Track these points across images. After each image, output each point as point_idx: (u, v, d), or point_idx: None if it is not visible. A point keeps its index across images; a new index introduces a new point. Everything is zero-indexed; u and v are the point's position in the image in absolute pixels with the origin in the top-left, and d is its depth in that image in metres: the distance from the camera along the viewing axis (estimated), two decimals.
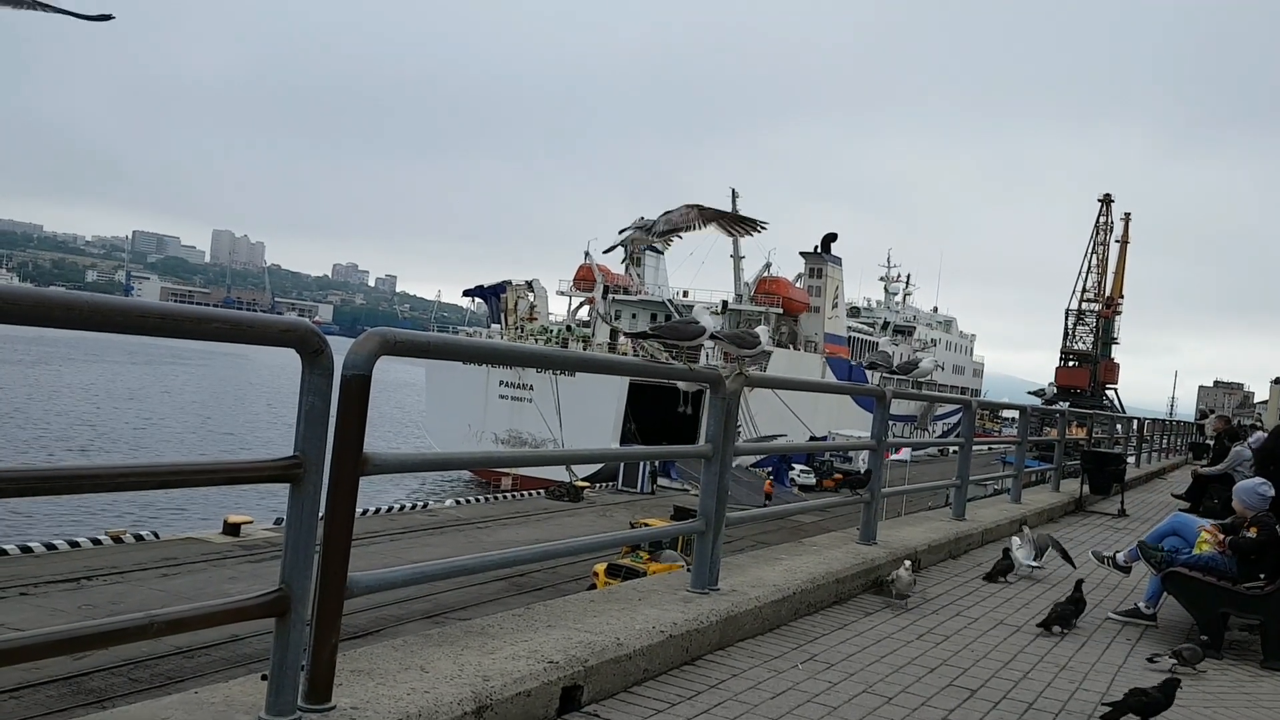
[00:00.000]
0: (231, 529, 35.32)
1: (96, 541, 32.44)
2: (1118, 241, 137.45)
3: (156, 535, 34.81)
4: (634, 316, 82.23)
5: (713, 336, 6.04)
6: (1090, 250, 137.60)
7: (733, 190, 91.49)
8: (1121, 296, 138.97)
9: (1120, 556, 9.62)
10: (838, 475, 62.63)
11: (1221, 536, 7.73)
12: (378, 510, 42.69)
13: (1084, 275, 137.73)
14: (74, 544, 31.75)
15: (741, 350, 6.27)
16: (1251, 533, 7.38)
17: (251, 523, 36.32)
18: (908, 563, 8.03)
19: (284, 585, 3.40)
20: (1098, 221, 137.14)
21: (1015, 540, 10.11)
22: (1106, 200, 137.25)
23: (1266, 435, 9.80)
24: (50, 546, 30.96)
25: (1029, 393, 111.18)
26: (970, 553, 10.86)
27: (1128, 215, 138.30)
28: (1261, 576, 7.27)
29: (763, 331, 6.23)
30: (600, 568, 29.77)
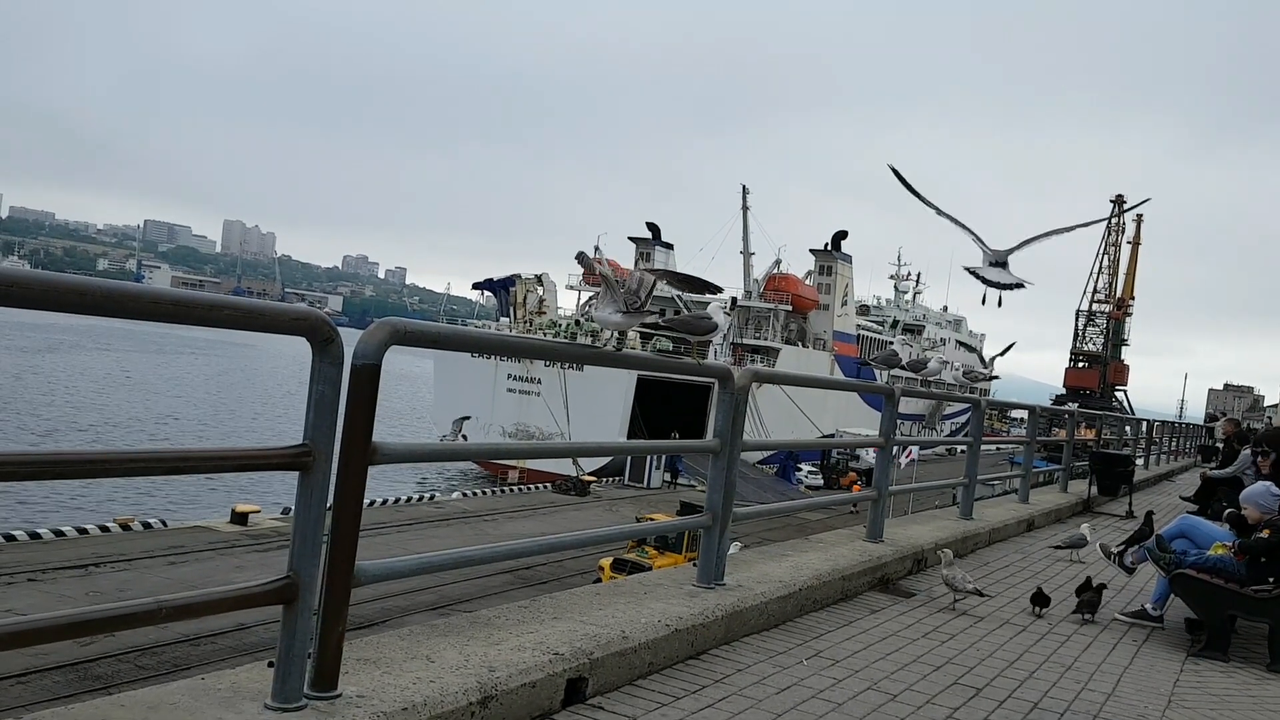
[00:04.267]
0: (239, 518, 35.39)
1: (105, 528, 32.56)
2: (1129, 243, 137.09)
3: (164, 523, 34.88)
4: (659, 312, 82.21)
5: (659, 325, 6.01)
6: (1101, 251, 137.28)
7: (743, 187, 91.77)
8: (1132, 298, 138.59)
9: (1128, 557, 9.60)
10: (852, 473, 62.34)
11: (1232, 544, 7.69)
12: (384, 502, 42.78)
13: (1095, 276, 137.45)
14: (82, 530, 31.88)
15: (695, 336, 6.22)
16: (1264, 534, 7.36)
17: (259, 512, 36.39)
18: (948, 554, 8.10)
19: (292, 573, 3.41)
20: (1109, 223, 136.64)
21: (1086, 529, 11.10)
22: (1119, 201, 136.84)
23: (1272, 438, 9.70)
24: (58, 533, 31.10)
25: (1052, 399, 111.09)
26: (977, 552, 10.85)
27: (1140, 217, 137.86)
28: (1271, 580, 7.24)
29: (716, 310, 6.16)
30: (606, 562, 29.81)
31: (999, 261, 9.33)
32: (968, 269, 9.77)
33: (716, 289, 5.91)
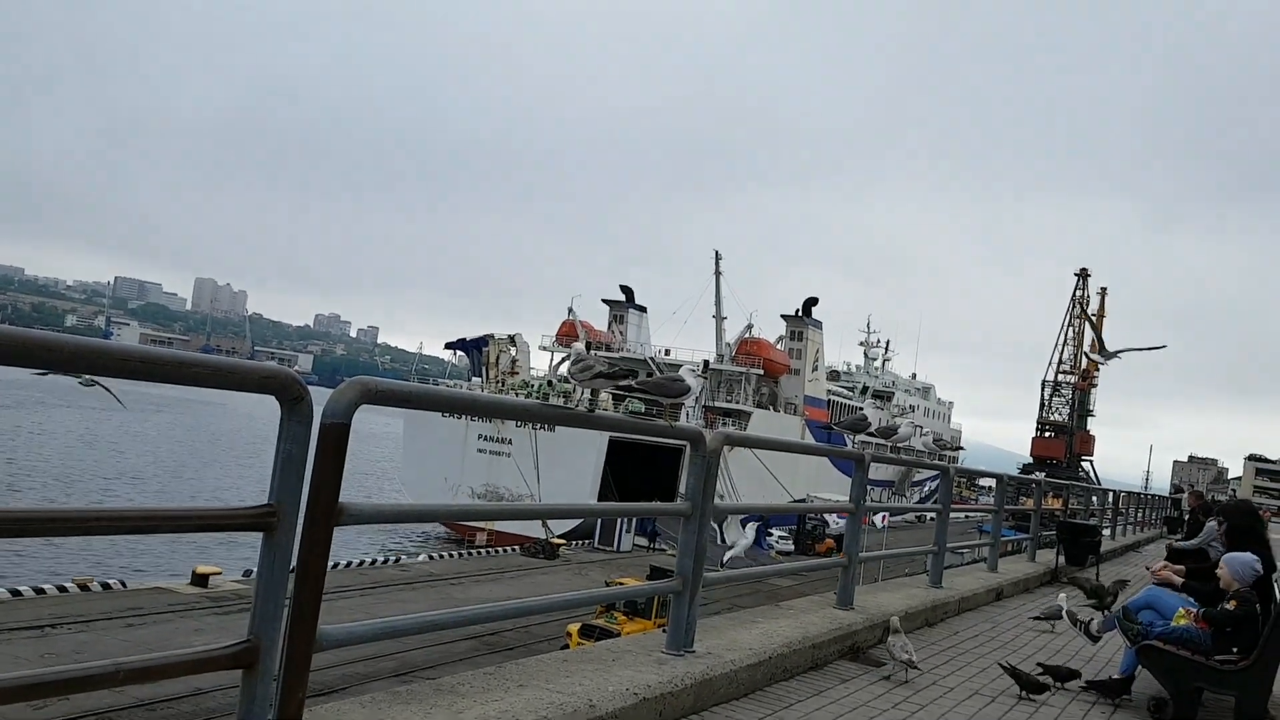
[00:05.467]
0: (200, 580, 34.79)
1: (63, 589, 31.89)
2: (1094, 315, 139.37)
3: (124, 584, 34.26)
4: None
5: (632, 387, 6.04)
6: (1066, 323, 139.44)
7: (716, 252, 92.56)
8: (1097, 369, 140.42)
9: (1094, 625, 9.60)
10: (830, 540, 61.83)
11: (1195, 612, 7.71)
12: (349, 564, 42.18)
13: (1060, 347, 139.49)
14: (40, 590, 31.20)
15: (668, 398, 6.24)
16: (1231, 605, 7.38)
17: (220, 574, 35.81)
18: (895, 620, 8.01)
19: (252, 637, 3.35)
20: (1074, 295, 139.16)
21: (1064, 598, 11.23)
22: (1083, 274, 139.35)
23: (1229, 511, 9.72)
24: (15, 592, 30.39)
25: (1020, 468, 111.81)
26: (947, 621, 10.81)
27: (1104, 290, 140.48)
28: (1236, 650, 7.26)
29: (688, 373, 6.17)
30: (574, 627, 29.44)
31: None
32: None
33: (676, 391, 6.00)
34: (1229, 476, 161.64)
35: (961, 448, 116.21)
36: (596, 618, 30.11)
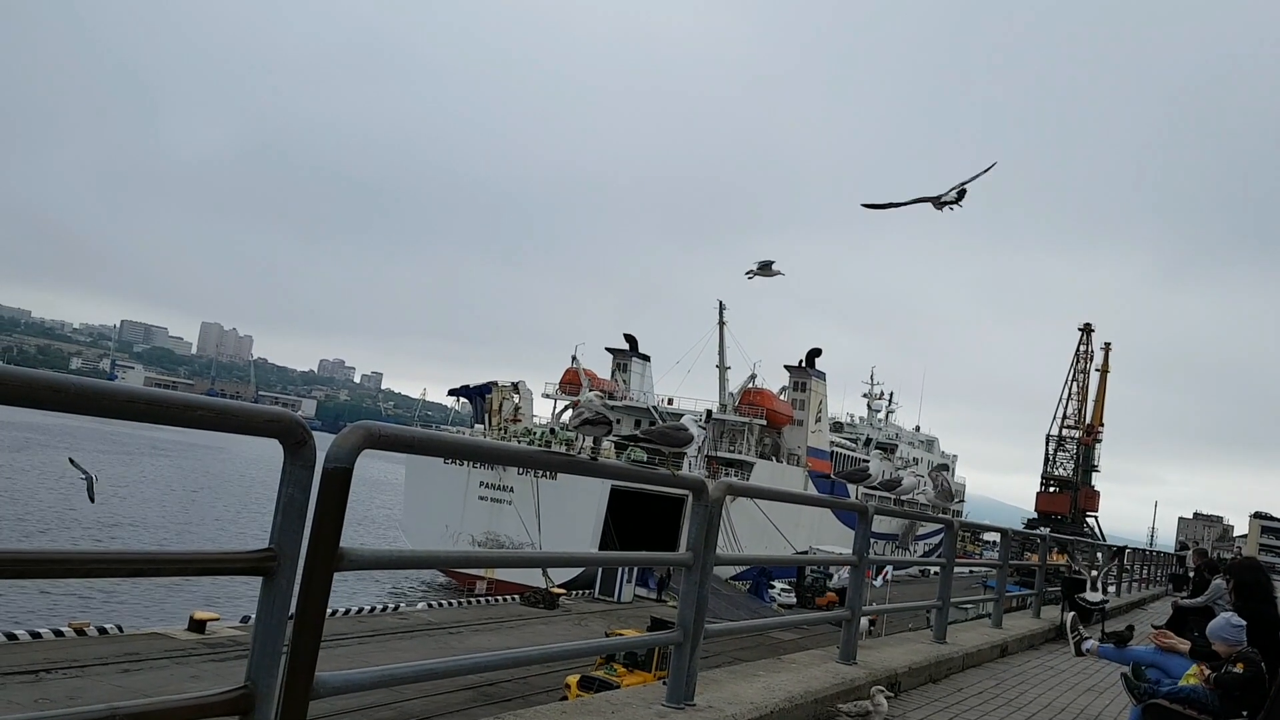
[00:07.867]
0: (197, 625, 34.55)
1: (59, 633, 31.66)
2: (1098, 370, 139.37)
3: (120, 629, 34.00)
4: (618, 422, 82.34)
5: (636, 436, 6.08)
6: (1071, 378, 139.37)
7: (720, 302, 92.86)
8: (1101, 425, 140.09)
9: (1086, 644, 9.46)
10: (831, 594, 61.15)
11: (1208, 672, 7.62)
12: (347, 611, 41.89)
13: (1064, 402, 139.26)
14: (35, 634, 30.97)
15: (671, 447, 6.25)
16: (1238, 668, 7.29)
17: (218, 619, 35.56)
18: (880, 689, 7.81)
19: (249, 683, 3.32)
20: (1078, 350, 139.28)
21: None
22: (1087, 329, 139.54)
23: (1236, 568, 9.65)
24: (10, 636, 30.17)
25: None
26: (951, 677, 10.69)
27: (1108, 345, 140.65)
28: (1245, 714, 7.16)
29: (691, 423, 6.20)
30: (573, 679, 29.14)
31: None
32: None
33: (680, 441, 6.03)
34: (1234, 534, 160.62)
35: (961, 499, 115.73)
36: (596, 669, 29.81)
